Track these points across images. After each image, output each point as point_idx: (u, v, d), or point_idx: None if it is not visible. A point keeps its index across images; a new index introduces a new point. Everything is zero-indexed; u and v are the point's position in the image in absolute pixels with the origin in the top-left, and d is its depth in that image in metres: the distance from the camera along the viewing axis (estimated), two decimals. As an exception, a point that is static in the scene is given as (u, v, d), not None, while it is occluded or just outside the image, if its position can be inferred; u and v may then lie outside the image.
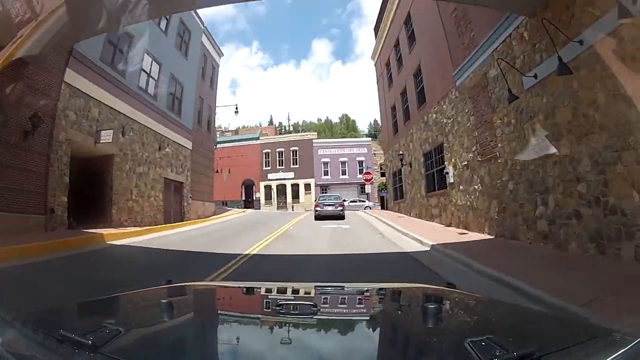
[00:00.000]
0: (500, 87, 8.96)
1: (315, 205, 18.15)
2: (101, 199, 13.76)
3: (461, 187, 11.01)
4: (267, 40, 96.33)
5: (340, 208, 17.26)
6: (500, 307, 1.43)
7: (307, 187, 38.37)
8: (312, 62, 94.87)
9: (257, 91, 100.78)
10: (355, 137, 48.71)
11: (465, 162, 10.71)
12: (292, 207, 36.91)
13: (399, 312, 1.35)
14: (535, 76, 7.32)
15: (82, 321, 1.15)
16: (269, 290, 1.64)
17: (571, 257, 6.05)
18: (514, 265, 5.56)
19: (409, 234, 10.27)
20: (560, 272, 4.96)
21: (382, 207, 39.58)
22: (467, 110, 10.72)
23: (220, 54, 27.01)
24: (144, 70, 16.53)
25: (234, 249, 8.20)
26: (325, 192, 37.66)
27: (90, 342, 0.73)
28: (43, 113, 10.17)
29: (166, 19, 18.24)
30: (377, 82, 22.55)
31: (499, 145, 9.02)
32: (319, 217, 16.84)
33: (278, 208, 38.93)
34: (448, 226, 11.78)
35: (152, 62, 17.15)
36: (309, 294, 1.61)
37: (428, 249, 8.26)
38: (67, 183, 11.45)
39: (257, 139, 41.46)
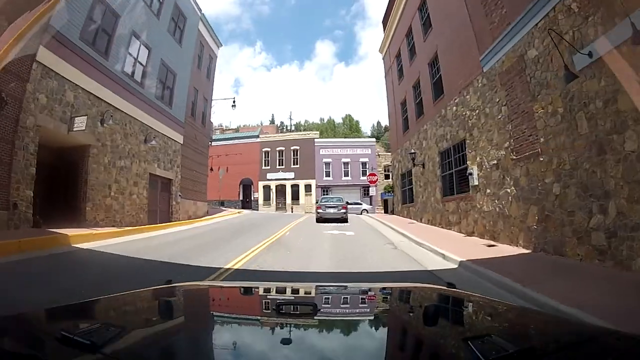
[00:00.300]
0: (543, 70, 7.38)
1: (317, 207, 17.29)
2: (74, 195, 12.21)
3: (488, 191, 9.36)
4: (270, 40, 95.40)
5: (343, 210, 16.35)
6: (500, 307, 1.41)
7: (308, 188, 36.72)
8: (315, 63, 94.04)
9: (260, 91, 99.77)
10: (359, 138, 47.00)
11: (495, 161, 9.06)
12: (292, 209, 35.23)
13: (400, 312, 1.36)
14: (589, 54, 5.81)
15: (82, 321, 1.05)
16: (269, 291, 1.65)
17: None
18: (586, 294, 4.00)
19: (426, 244, 8.60)
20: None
21: (386, 211, 37.94)
22: (497, 100, 9.08)
23: (219, 44, 25.45)
24: (131, 55, 14.95)
25: (216, 260, 6.60)
26: (327, 194, 36.00)
27: (90, 342, 0.73)
28: (8, 94, 8.81)
29: (158, 0, 16.71)
30: (385, 77, 20.94)
31: (541, 140, 7.41)
32: (320, 219, 16.15)
33: (277, 209, 37.24)
34: (469, 235, 10.12)
35: (140, 46, 15.58)
36: (310, 294, 1.62)
37: (455, 266, 6.61)
38: (34, 175, 9.92)
39: (257, 137, 39.86)
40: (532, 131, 7.75)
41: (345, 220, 16.08)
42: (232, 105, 24.70)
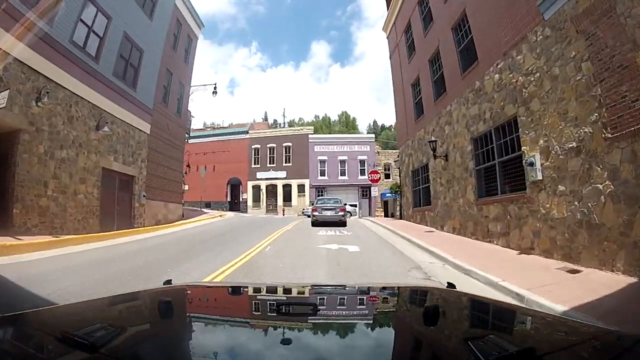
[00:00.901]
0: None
1: (313, 210, 15.77)
2: (-2, 193, 9.21)
3: (561, 188, 6.37)
4: (266, 40, 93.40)
5: (341, 213, 14.83)
6: (500, 307, 1.44)
7: (301, 188, 33.63)
8: (311, 64, 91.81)
9: (254, 91, 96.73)
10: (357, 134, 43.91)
11: (573, 144, 6.09)
12: (283, 211, 32.09)
13: (400, 312, 1.36)
14: None
15: (82, 321, 1.08)
16: (269, 291, 1.64)
17: None
18: None
19: (478, 272, 5.58)
20: None
21: (386, 214, 34.98)
22: (572, 55, 6.14)
23: (200, 25, 22.31)
24: (84, 22, 11.84)
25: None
26: (322, 195, 32.93)
27: (90, 342, 0.73)
28: None
29: (121, -40, 13.62)
30: (391, 58, 17.96)
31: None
32: (316, 222, 14.85)
33: (267, 211, 34.10)
34: (525, 253, 7.12)
35: (97, 13, 12.45)
36: (309, 294, 1.61)
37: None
38: None
39: (246, 132, 36.71)
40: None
41: (343, 224, 14.65)
42: (213, 92, 21.51)
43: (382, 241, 9.99)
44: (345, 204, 18.23)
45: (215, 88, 21.35)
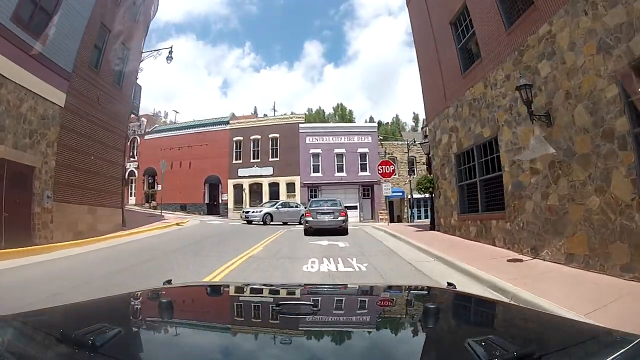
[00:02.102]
0: None
1: (306, 214, 12.71)
2: None
3: None
4: (259, 41, 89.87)
5: (341, 218, 12.07)
6: (500, 307, 1.44)
7: (290, 187, 28.45)
8: (304, 63, 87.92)
9: (249, 91, 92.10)
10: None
11: None
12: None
13: (400, 312, 1.36)
14: None
15: (82, 321, 1.04)
16: (269, 291, 1.67)
17: None
18: None
19: None
20: None
21: (392, 219, 30.00)
22: None
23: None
24: None
25: None
26: (315, 195, 27.83)
27: (90, 342, 0.72)
28: None
29: None
30: (409, 4, 12.93)
31: None
32: (310, 230, 12.07)
33: (251, 215, 28.94)
34: None
35: None
36: (309, 294, 1.61)
37: None
38: None
39: (227, 123, 31.45)
40: None
41: (344, 232, 11.94)
42: (168, 57, 16.33)
43: (424, 279, 4.90)
44: (344, 207, 13.38)
45: (170, 53, 16.14)
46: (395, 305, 1.44)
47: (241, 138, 30.12)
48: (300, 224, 15.72)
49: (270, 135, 29.27)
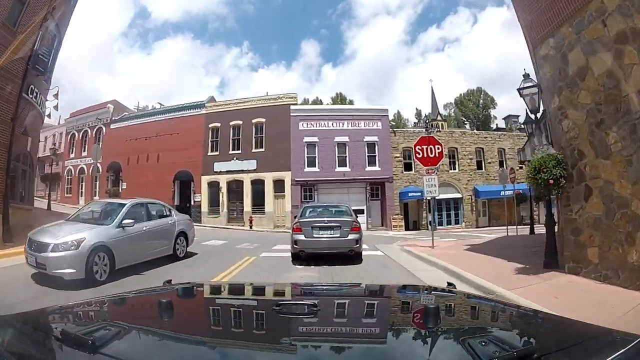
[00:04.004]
0: None
1: (295, 229, 7.53)
2: None
3: None
4: (257, 40, 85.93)
5: (353, 236, 7.27)
6: (500, 307, 1.44)
7: (279, 185, 22.40)
8: (302, 63, 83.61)
9: (245, 90, 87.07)
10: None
11: None
12: (250, 222, 20.81)
13: (400, 312, 1.37)
14: None
15: (82, 321, 1.13)
16: (269, 291, 1.71)
17: None
18: None
19: None
20: None
21: (407, 225, 24.05)
22: None
23: None
24: None
25: None
26: (310, 196, 21.81)
27: (90, 342, 0.73)
28: None
29: None
30: None
31: None
32: (300, 255, 7.42)
33: (229, 221, 22.84)
34: None
35: None
36: (310, 294, 1.63)
37: None
38: None
39: (203, 106, 25.39)
40: None
41: (357, 258, 7.47)
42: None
43: None
44: (356, 216, 7.70)
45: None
46: (396, 306, 1.44)
47: (218, 124, 24.08)
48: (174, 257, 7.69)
49: (255, 121, 23.21)
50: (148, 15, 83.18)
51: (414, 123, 52.24)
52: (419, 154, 8.75)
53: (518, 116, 33.29)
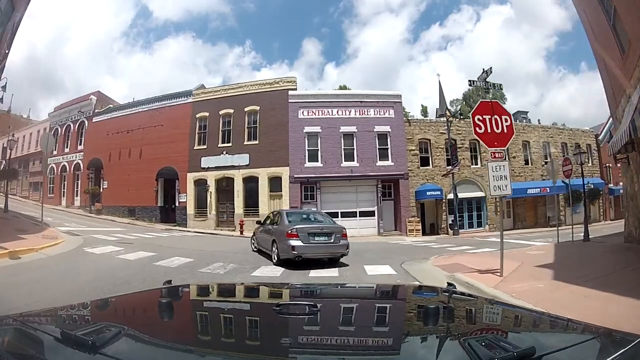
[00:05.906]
0: None
1: (289, 235, 7.79)
2: None
3: None
4: (260, 39, 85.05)
5: (344, 242, 8.13)
6: (500, 307, 1.45)
7: (275, 183, 19.33)
8: (303, 61, 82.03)
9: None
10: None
11: None
12: (241, 227, 17.70)
13: (400, 311, 1.37)
14: None
15: (82, 321, 1.12)
16: (269, 291, 1.66)
17: None
18: None
19: None
20: None
21: (424, 229, 20.91)
22: None
23: None
24: None
25: None
26: (312, 196, 18.76)
27: (90, 342, 0.72)
28: None
29: None
30: None
31: None
32: (296, 262, 7.69)
33: (218, 225, 19.81)
34: None
35: None
36: (309, 294, 1.63)
37: None
38: None
39: (190, 95, 22.38)
40: None
41: (338, 258, 8.27)
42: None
43: None
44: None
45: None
46: (396, 305, 1.45)
47: (206, 114, 21.06)
48: None
49: (247, 109, 20.16)
50: (149, 15, 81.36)
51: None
52: (480, 127, 5.66)
53: (527, 112, 30.77)
